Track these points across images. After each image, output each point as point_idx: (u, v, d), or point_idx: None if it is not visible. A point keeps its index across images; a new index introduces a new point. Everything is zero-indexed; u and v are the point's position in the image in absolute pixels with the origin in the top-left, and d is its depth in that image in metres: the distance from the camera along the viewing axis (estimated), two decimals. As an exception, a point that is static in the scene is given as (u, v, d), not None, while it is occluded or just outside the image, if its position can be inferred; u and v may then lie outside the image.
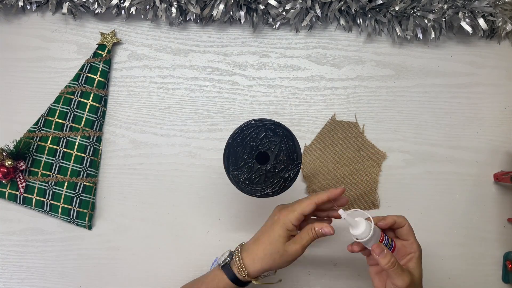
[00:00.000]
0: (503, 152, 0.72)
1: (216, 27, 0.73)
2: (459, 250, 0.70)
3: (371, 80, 0.72)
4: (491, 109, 0.72)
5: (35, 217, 0.71)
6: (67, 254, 0.70)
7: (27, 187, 0.69)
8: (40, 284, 0.70)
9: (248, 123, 0.52)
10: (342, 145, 0.70)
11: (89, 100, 0.70)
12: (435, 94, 0.72)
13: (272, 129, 0.52)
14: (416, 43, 0.73)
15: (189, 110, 0.72)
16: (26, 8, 0.73)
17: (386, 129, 0.72)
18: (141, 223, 0.71)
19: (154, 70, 0.73)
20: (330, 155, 0.69)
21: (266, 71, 0.73)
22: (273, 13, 0.69)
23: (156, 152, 0.72)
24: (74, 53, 0.73)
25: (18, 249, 0.71)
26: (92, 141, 0.70)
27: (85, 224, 0.70)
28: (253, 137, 0.52)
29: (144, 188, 0.71)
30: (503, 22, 0.69)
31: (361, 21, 0.71)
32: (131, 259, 0.70)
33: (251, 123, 0.52)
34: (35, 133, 0.70)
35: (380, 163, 0.70)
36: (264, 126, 0.52)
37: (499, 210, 0.71)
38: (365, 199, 0.70)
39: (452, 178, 0.71)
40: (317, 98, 0.72)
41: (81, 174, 0.69)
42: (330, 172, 0.69)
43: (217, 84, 0.73)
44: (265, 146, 0.52)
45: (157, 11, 0.70)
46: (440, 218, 0.71)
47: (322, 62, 0.73)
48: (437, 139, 0.72)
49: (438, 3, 0.67)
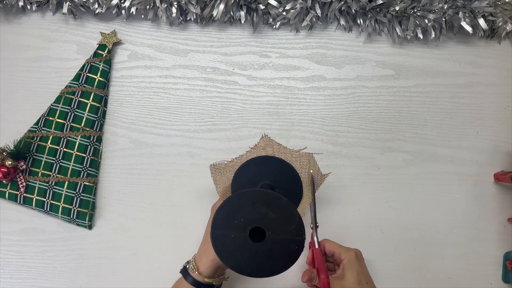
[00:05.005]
0: (503, 152, 0.72)
1: (216, 27, 0.73)
2: (459, 250, 0.70)
3: (371, 80, 0.72)
4: (491, 109, 0.72)
5: (36, 217, 0.71)
6: (67, 254, 0.70)
7: (28, 187, 0.69)
8: (40, 284, 0.70)
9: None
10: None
11: (90, 100, 0.70)
12: (435, 94, 0.72)
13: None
14: (416, 43, 0.73)
15: (189, 110, 0.72)
16: (26, 8, 0.73)
17: (386, 129, 0.72)
18: (141, 223, 0.71)
19: (155, 70, 0.73)
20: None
21: (266, 71, 0.73)
22: (273, 13, 0.69)
23: (156, 152, 0.72)
24: (74, 53, 0.73)
25: (18, 249, 0.71)
26: (93, 141, 0.70)
27: (86, 224, 0.70)
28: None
29: (144, 188, 0.71)
30: (503, 22, 0.69)
31: (361, 21, 0.71)
32: (131, 259, 0.70)
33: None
34: (35, 133, 0.70)
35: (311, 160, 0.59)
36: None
37: (499, 210, 0.71)
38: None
39: (452, 178, 0.71)
40: (317, 98, 0.72)
41: (81, 174, 0.69)
42: None
43: (217, 84, 0.73)
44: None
45: (157, 11, 0.70)
46: (440, 218, 0.71)
47: (322, 62, 0.73)
48: (437, 139, 0.72)
49: (438, 3, 0.67)
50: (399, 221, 0.71)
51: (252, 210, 0.45)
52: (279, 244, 0.45)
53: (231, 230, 0.45)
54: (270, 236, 0.45)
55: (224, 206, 0.46)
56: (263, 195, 0.46)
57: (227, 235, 0.45)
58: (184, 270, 0.58)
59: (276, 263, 0.45)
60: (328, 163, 0.71)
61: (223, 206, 0.46)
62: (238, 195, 0.46)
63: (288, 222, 0.45)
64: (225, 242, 0.45)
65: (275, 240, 0.45)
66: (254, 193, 0.46)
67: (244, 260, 0.45)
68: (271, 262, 0.45)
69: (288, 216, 0.45)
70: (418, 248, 0.70)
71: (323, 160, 0.71)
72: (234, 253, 0.45)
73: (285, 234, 0.45)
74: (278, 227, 0.45)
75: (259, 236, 0.45)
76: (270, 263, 0.45)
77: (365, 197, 0.71)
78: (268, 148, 0.58)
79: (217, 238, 0.45)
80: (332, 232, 0.70)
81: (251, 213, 0.45)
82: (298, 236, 0.45)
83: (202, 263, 0.56)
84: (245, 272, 0.45)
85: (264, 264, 0.45)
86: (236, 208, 0.45)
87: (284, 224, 0.45)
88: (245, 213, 0.45)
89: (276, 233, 0.45)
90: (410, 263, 0.70)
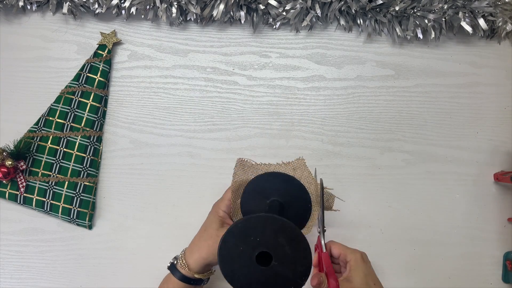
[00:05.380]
0: (503, 152, 0.72)
1: (216, 27, 0.73)
2: (459, 250, 0.70)
3: (371, 80, 0.72)
4: (491, 109, 0.72)
5: (36, 217, 0.71)
6: (67, 254, 0.70)
7: (28, 187, 0.69)
8: (40, 283, 0.70)
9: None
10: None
11: (90, 100, 0.70)
12: (435, 94, 0.72)
13: None
14: (416, 43, 0.73)
15: (189, 110, 0.72)
16: (26, 8, 0.73)
17: (386, 129, 0.72)
18: (141, 223, 0.71)
19: (155, 70, 0.73)
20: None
21: (266, 71, 0.73)
22: (273, 13, 0.69)
23: (156, 152, 0.72)
24: (74, 53, 0.73)
25: (18, 249, 0.71)
26: (93, 141, 0.70)
27: (86, 224, 0.70)
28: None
29: (144, 188, 0.71)
30: (503, 22, 0.69)
31: (361, 21, 0.71)
32: (131, 259, 0.70)
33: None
34: (35, 133, 0.70)
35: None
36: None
37: (499, 210, 0.71)
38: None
39: (452, 178, 0.71)
40: (317, 98, 0.72)
41: (81, 174, 0.69)
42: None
43: (218, 84, 0.73)
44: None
45: (157, 11, 0.70)
46: (440, 218, 0.71)
47: (322, 62, 0.73)
48: (437, 139, 0.72)
49: (438, 3, 0.67)
50: (399, 221, 0.71)
51: (271, 236, 0.46)
52: (279, 277, 0.46)
53: (243, 243, 0.46)
54: (275, 266, 0.45)
55: (247, 221, 0.46)
56: (288, 227, 0.46)
57: (237, 246, 0.46)
58: (172, 266, 0.58)
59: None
60: (328, 163, 0.71)
61: (246, 220, 0.46)
62: (266, 217, 0.46)
63: (297, 263, 0.46)
64: (231, 251, 0.46)
65: (278, 271, 0.46)
66: (280, 222, 0.46)
67: (241, 274, 0.46)
68: (280, 285, 0.46)
69: (300, 258, 0.46)
70: (418, 248, 0.70)
71: (323, 160, 0.71)
72: (234, 264, 0.46)
73: (289, 272, 0.46)
74: (287, 262, 0.46)
75: (264, 260, 0.46)
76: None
77: (365, 197, 0.71)
78: (298, 170, 0.59)
79: (225, 243, 0.46)
80: (332, 232, 0.70)
81: (269, 238, 0.46)
82: (299, 280, 0.46)
83: (194, 259, 0.56)
84: (236, 284, 0.46)
85: (258, 286, 0.46)
86: (256, 227, 0.46)
87: (293, 262, 0.46)
88: (263, 236, 0.46)
89: (282, 267, 0.46)
90: (410, 263, 0.70)
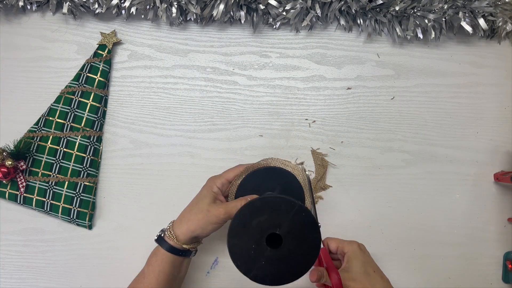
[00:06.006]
0: (503, 152, 0.72)
1: (216, 27, 0.73)
2: (459, 250, 0.70)
3: (371, 80, 0.72)
4: (491, 109, 0.72)
5: (36, 217, 0.71)
6: (67, 254, 0.70)
7: (28, 187, 0.69)
8: (40, 284, 0.70)
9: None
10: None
11: (90, 100, 0.70)
12: (435, 94, 0.72)
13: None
14: (416, 43, 0.73)
15: (190, 110, 0.72)
16: (26, 8, 0.73)
17: (386, 129, 0.72)
18: (141, 223, 0.71)
19: (155, 70, 0.73)
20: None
21: (266, 71, 0.73)
22: (273, 13, 0.69)
23: (156, 152, 0.72)
24: (74, 53, 0.73)
25: (18, 249, 0.71)
26: (93, 141, 0.70)
27: (86, 224, 0.70)
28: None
29: (144, 188, 0.71)
30: (503, 22, 0.69)
31: (361, 21, 0.71)
32: (131, 259, 0.70)
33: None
34: (35, 133, 0.70)
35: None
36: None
37: (499, 210, 0.71)
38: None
39: (452, 178, 0.71)
40: (317, 98, 0.72)
41: (81, 174, 0.69)
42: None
43: (218, 84, 0.73)
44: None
45: (157, 11, 0.70)
46: (440, 218, 0.71)
47: (322, 62, 0.73)
48: (437, 139, 0.72)
49: (438, 3, 0.67)
50: (399, 221, 0.71)
51: (286, 217, 0.46)
52: (286, 260, 0.46)
53: (256, 220, 0.46)
54: (284, 249, 0.46)
55: (250, 205, 0.47)
56: (305, 210, 0.46)
57: (249, 224, 0.46)
58: (160, 238, 0.58)
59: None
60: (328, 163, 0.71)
61: (246, 207, 0.47)
62: (283, 199, 0.46)
63: (309, 248, 0.46)
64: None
65: (286, 254, 0.46)
66: (297, 205, 0.46)
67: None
68: (289, 267, 0.46)
69: (311, 246, 0.46)
70: (418, 248, 0.70)
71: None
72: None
73: (300, 257, 0.46)
74: (297, 246, 0.46)
75: (274, 243, 0.46)
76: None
77: (365, 197, 0.71)
78: (296, 172, 0.61)
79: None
80: (332, 232, 0.70)
81: (284, 219, 0.46)
82: (307, 266, 0.46)
83: (181, 231, 0.56)
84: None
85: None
86: (274, 208, 0.46)
87: (302, 248, 0.46)
88: (278, 217, 0.46)
89: (292, 250, 0.46)
90: (410, 263, 0.70)
